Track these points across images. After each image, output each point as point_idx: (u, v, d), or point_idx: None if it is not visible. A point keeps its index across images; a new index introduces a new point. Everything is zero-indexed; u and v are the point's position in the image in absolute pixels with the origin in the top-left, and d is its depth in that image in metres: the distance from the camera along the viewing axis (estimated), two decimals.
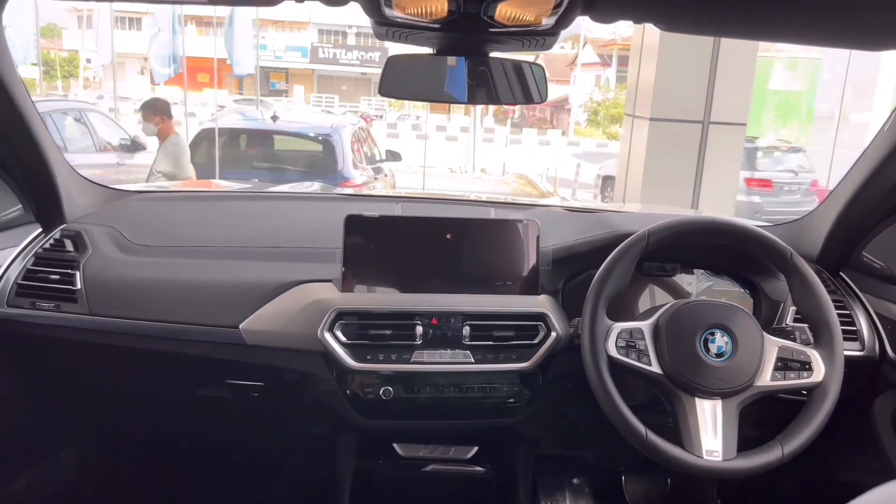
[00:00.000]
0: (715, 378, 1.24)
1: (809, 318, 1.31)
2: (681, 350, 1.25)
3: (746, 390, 1.25)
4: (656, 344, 1.28)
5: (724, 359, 1.25)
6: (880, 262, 1.50)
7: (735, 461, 1.22)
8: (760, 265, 1.55)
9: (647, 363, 1.27)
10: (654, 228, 1.31)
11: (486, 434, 1.63)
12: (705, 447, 1.22)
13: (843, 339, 1.28)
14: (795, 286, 1.31)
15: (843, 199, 1.51)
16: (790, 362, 1.27)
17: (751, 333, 1.27)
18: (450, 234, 1.47)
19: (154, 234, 1.58)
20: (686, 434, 1.24)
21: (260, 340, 1.42)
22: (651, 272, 1.52)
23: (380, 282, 1.45)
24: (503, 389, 1.48)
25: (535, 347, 1.44)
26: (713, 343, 1.26)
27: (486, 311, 1.44)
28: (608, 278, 1.29)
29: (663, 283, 1.57)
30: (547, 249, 1.53)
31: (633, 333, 1.28)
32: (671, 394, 1.26)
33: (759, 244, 1.32)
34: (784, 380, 1.27)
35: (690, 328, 1.27)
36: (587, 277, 1.52)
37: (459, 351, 1.42)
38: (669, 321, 1.28)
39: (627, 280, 1.32)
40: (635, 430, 1.22)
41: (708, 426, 1.23)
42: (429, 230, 1.47)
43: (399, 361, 1.40)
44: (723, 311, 1.29)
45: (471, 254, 1.47)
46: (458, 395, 1.46)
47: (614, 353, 1.26)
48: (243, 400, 1.52)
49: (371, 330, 1.40)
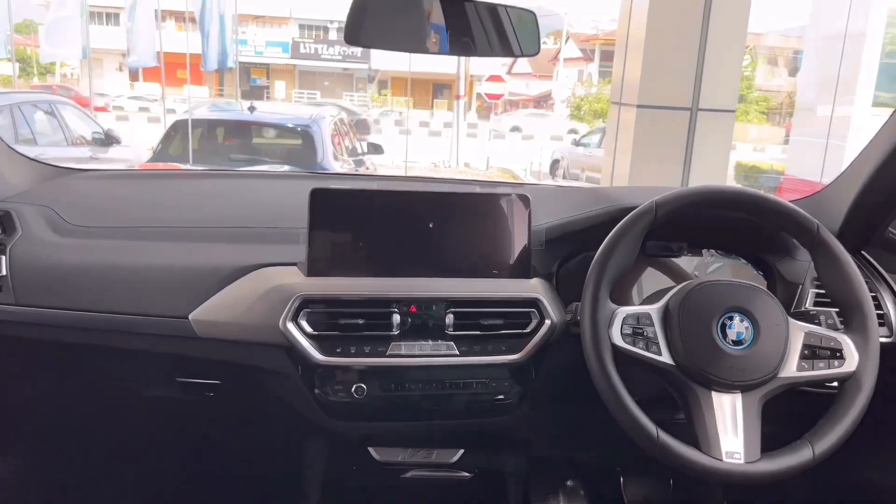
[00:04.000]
0: (734, 369, 1.08)
1: (839, 299, 1.15)
2: (695, 337, 1.09)
3: (770, 382, 1.09)
4: (666, 331, 1.11)
5: (745, 347, 1.09)
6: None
7: (760, 464, 1.06)
8: (776, 243, 1.39)
9: (657, 352, 1.10)
10: (662, 199, 1.15)
11: (473, 436, 1.46)
12: (724, 448, 1.06)
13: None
14: (822, 263, 1.15)
15: (866, 170, 1.36)
16: (819, 350, 1.12)
17: (774, 317, 1.11)
18: (430, 211, 1.30)
19: (96, 215, 1.39)
20: (702, 433, 1.08)
21: (213, 332, 1.24)
22: (654, 252, 1.36)
23: (351, 264, 1.27)
24: (492, 385, 1.31)
25: (528, 337, 1.28)
26: (731, 329, 1.10)
27: (471, 296, 1.27)
28: (611, 256, 1.13)
29: (664, 266, 1.41)
30: (539, 228, 1.36)
31: (640, 319, 1.12)
32: (684, 387, 1.10)
33: (780, 216, 1.16)
34: (812, 370, 1.11)
35: (705, 312, 1.11)
36: (585, 259, 1.36)
37: (442, 342, 1.26)
38: (681, 304, 1.11)
39: (633, 259, 1.15)
40: (644, 430, 1.06)
41: (727, 424, 1.08)
42: (406, 206, 1.30)
43: (373, 355, 1.23)
44: (742, 291, 1.13)
45: (454, 232, 1.30)
46: (440, 392, 1.30)
47: (619, 341, 1.10)
48: (196, 401, 1.34)
49: (341, 319, 1.23)
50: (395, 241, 1.29)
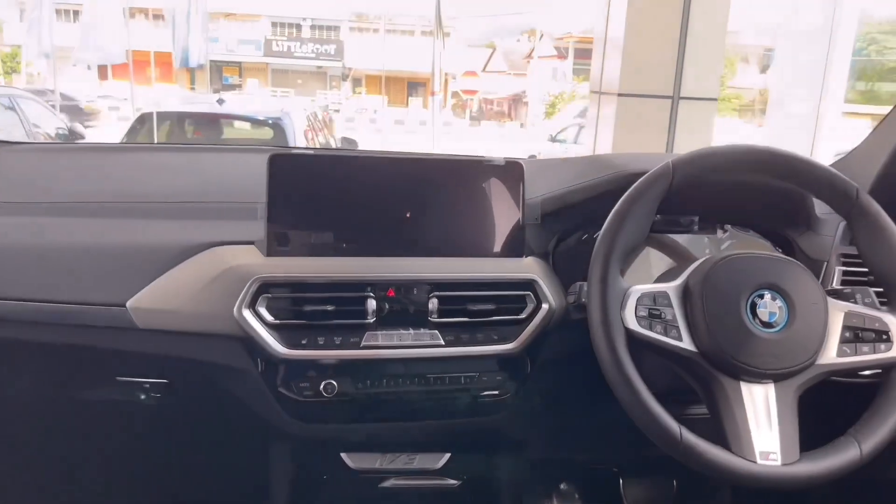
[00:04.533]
0: (767, 355, 0.93)
1: (882, 272, 1.00)
2: (721, 319, 0.93)
3: (807, 370, 0.94)
4: (687, 312, 0.96)
5: (778, 329, 0.94)
6: None
7: (800, 465, 0.90)
8: (798, 215, 1.24)
9: (677, 337, 0.95)
10: (680, 160, 0.99)
11: (461, 438, 1.29)
12: (758, 448, 0.90)
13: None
14: (862, 232, 1.00)
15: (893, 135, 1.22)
16: (862, 332, 0.96)
17: (811, 294, 0.96)
18: (409, 180, 1.13)
19: (19, 189, 1.20)
20: (732, 431, 0.92)
21: (156, 323, 1.06)
22: (660, 228, 1.20)
23: (317, 242, 1.10)
24: (482, 379, 1.15)
25: (523, 324, 1.11)
26: (763, 308, 0.94)
27: (458, 278, 1.10)
28: (622, 226, 0.97)
29: (665, 245, 1.25)
30: (534, 200, 1.20)
31: (656, 299, 0.96)
32: (708, 378, 0.95)
33: (816, 179, 1.00)
34: (855, 355, 0.96)
35: (732, 290, 0.95)
36: (586, 235, 1.20)
37: (425, 331, 1.09)
38: (704, 281, 0.96)
39: (647, 230, 0.99)
40: (666, 428, 0.90)
41: (760, 419, 0.92)
42: (381, 174, 1.13)
43: (345, 346, 1.06)
44: (773, 265, 0.98)
45: (437, 205, 1.13)
46: (423, 388, 1.13)
47: (634, 324, 0.94)
48: (141, 404, 1.16)
49: (306, 306, 1.05)
50: (368, 214, 1.12)
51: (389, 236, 1.12)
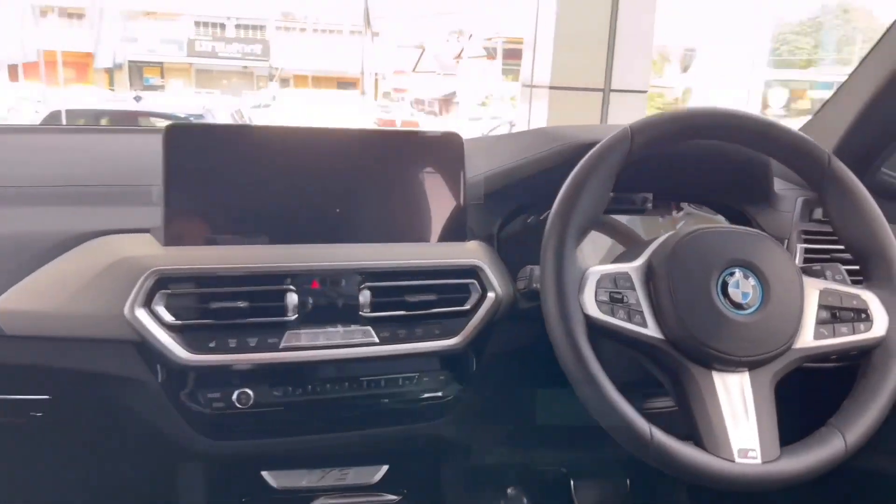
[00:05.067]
0: (741, 340, 0.82)
1: (856, 245, 0.91)
2: (689, 301, 0.83)
3: (783, 356, 0.84)
4: (651, 295, 0.85)
5: (752, 311, 0.84)
6: None
7: (782, 462, 0.80)
8: (757, 190, 1.16)
9: (641, 324, 0.83)
10: (639, 125, 0.88)
11: (400, 447, 1.15)
12: (736, 445, 0.80)
13: None
14: (835, 202, 0.91)
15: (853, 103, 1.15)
16: (839, 311, 0.87)
17: (786, 271, 0.86)
18: (333, 155, 0.98)
19: None
20: (705, 427, 0.81)
21: (28, 328, 0.88)
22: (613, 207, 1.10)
23: (226, 228, 0.94)
24: (423, 380, 1.01)
25: (467, 316, 0.99)
26: (735, 288, 0.84)
27: (392, 266, 0.97)
28: (579, 198, 0.85)
29: (615, 229, 1.15)
30: (476, 178, 1.07)
31: (617, 281, 0.84)
32: (677, 368, 0.84)
33: (784, 143, 0.91)
34: (833, 336, 0.86)
35: (701, 268, 0.85)
36: (534, 215, 1.08)
37: (355, 328, 0.95)
38: (669, 260, 0.85)
39: (604, 204, 0.88)
40: (635, 429, 0.79)
41: (737, 413, 0.82)
42: (301, 149, 0.98)
43: (262, 349, 0.91)
44: (743, 239, 0.88)
45: (366, 184, 0.99)
46: (355, 393, 0.99)
47: (594, 310, 0.82)
48: (19, 424, 0.98)
49: (214, 303, 0.90)
50: (287, 195, 0.97)
51: (311, 220, 0.97)
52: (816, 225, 1.16)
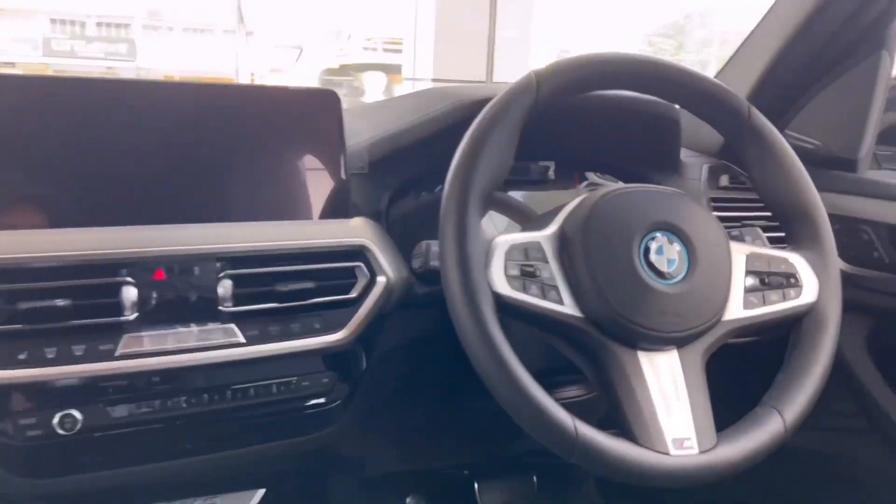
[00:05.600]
0: (668, 314, 0.72)
1: (780, 205, 0.83)
2: (609, 272, 0.72)
3: (713, 329, 0.75)
4: (566, 267, 0.73)
5: (678, 280, 0.74)
6: (813, 141, 1.09)
7: (721, 450, 0.71)
8: (667, 154, 1.07)
9: (557, 300, 0.71)
10: (546, 70, 0.76)
11: (278, 466, 0.98)
12: (670, 434, 0.70)
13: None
14: (755, 157, 0.83)
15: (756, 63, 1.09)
16: (768, 276, 0.79)
17: (712, 234, 0.77)
18: (181, 114, 0.80)
19: None
20: (635, 417, 0.70)
21: None
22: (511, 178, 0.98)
23: (39, 207, 0.74)
24: (302, 385, 0.85)
25: (353, 305, 0.83)
26: (659, 255, 0.74)
27: (258, 249, 0.79)
28: (481, 155, 0.72)
29: (511, 207, 1.04)
30: (359, 146, 0.92)
31: (528, 252, 0.72)
32: (599, 350, 0.72)
33: (702, 93, 0.81)
34: (763, 305, 0.78)
35: (621, 233, 0.74)
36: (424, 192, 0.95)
37: (215, 326, 0.77)
38: (585, 225, 0.73)
39: (509, 163, 0.75)
40: (557, 424, 0.67)
41: (668, 397, 0.71)
42: (139, 107, 0.79)
43: (91, 358, 0.71)
44: (665, 200, 0.78)
45: (224, 150, 0.82)
46: (218, 406, 0.81)
47: (504, 287, 0.69)
48: None
49: (23, 303, 0.69)
50: (120, 164, 0.78)
51: (154, 195, 0.79)
52: (724, 192, 1.10)
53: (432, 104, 0.92)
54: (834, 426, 1.13)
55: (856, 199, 1.04)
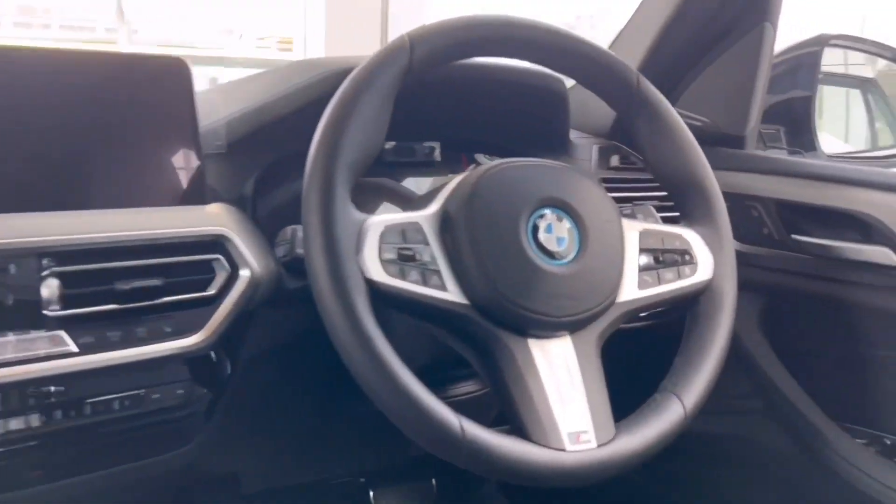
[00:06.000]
0: (560, 297, 0.66)
1: (672, 178, 0.79)
2: (496, 254, 0.65)
3: (608, 312, 0.70)
4: (449, 250, 0.65)
5: (569, 260, 0.68)
6: (702, 119, 1.07)
7: (621, 441, 0.65)
8: (556, 132, 1.03)
9: (439, 287, 0.64)
10: (420, 31, 0.68)
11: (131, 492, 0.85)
12: (565, 428, 0.64)
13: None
14: (646, 129, 0.78)
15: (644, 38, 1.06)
16: (662, 254, 0.74)
17: (604, 210, 0.72)
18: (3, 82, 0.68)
19: None
20: (527, 412, 0.64)
21: None
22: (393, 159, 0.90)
23: None
24: (151, 397, 0.74)
25: (212, 304, 0.72)
26: (548, 233, 0.67)
27: (91, 242, 0.67)
28: (348, 124, 0.63)
29: (391, 191, 0.96)
30: (217, 123, 0.82)
31: (406, 234, 0.64)
32: (487, 339, 0.65)
33: (591, 61, 0.76)
34: (659, 284, 0.73)
35: (508, 211, 0.67)
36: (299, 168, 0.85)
37: (39, 333, 0.65)
38: (468, 202, 0.66)
39: (383, 135, 0.67)
40: (439, 424, 0.59)
41: (562, 388, 0.65)
42: None
43: None
44: (552, 174, 0.72)
45: (50, 126, 0.70)
46: (49, 428, 0.69)
47: (379, 274, 0.61)
48: None
49: None
50: None
51: None
52: (615, 173, 1.06)
53: (301, 75, 0.83)
54: (731, 409, 1.12)
55: (745, 175, 1.02)
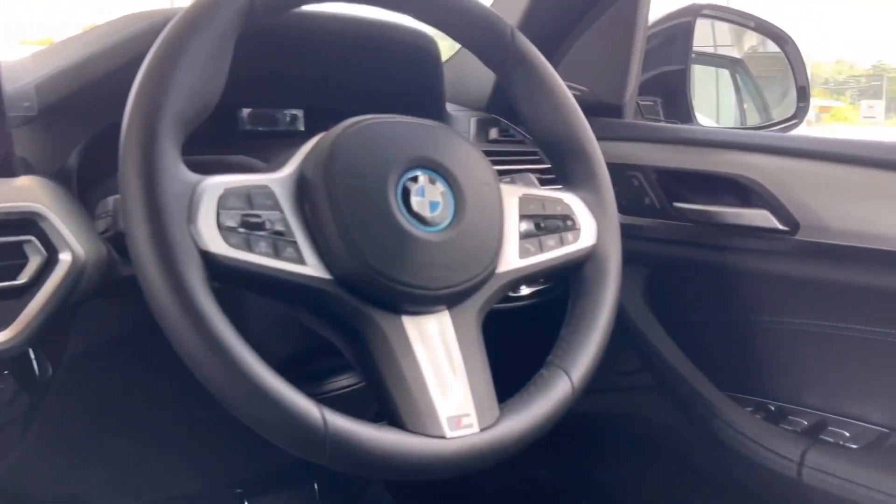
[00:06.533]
0: (435, 267, 0.59)
1: (550, 139, 0.73)
2: (361, 219, 0.57)
3: (488, 283, 0.63)
4: (307, 218, 0.57)
5: (443, 226, 0.61)
6: (581, 87, 1.03)
7: (506, 423, 0.59)
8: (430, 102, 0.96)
9: (295, 259, 0.55)
10: None
11: None
12: (445, 413, 0.57)
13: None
14: (522, 87, 0.72)
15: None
16: (544, 219, 0.69)
17: (480, 172, 0.65)
18: None
19: None
20: (402, 398, 0.56)
21: None
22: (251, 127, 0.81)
23: None
24: None
25: (23, 295, 0.60)
26: (420, 197, 0.60)
27: None
28: (174, 69, 0.53)
29: (241, 165, 0.86)
30: (26, 86, 0.69)
31: (252, 199, 0.55)
32: (354, 319, 0.57)
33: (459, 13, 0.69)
34: (541, 252, 0.67)
35: (373, 171, 0.59)
36: None
37: None
38: (329, 164, 0.58)
39: (219, 82, 0.57)
40: (296, 417, 0.51)
41: (441, 369, 0.58)
42: None
43: None
44: (426, 133, 0.65)
45: None
46: None
47: (218, 244, 0.51)
48: None
49: None
50: None
51: None
52: (494, 145, 1.01)
53: (125, 28, 0.71)
54: (620, 386, 1.10)
55: (625, 144, 1.00)
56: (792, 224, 0.84)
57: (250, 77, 0.73)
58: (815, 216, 0.83)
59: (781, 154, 0.88)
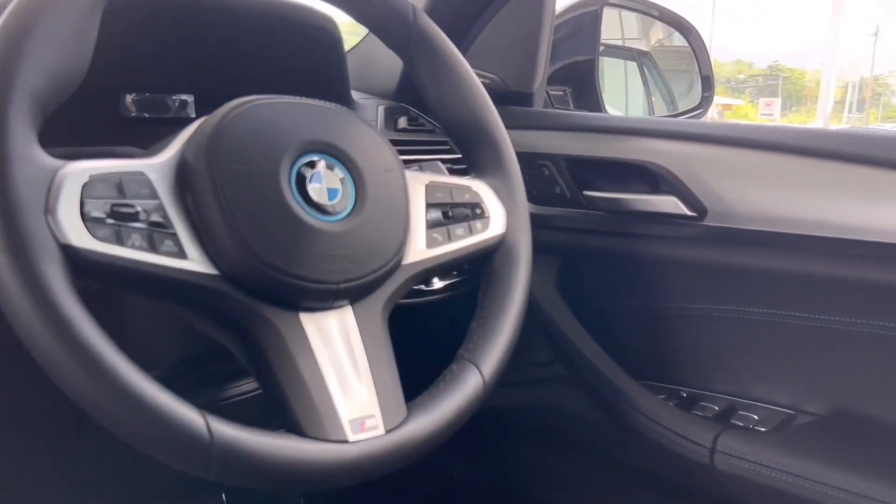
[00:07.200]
0: (336, 259, 0.55)
1: (456, 124, 0.70)
2: (250, 208, 0.52)
3: (394, 275, 0.60)
4: (189, 207, 0.51)
5: (344, 215, 0.57)
6: (489, 75, 1.01)
7: (414, 423, 0.56)
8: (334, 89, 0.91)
9: (175, 253, 0.49)
10: None
11: None
12: (347, 416, 0.53)
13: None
14: (427, 70, 0.69)
15: None
16: (452, 208, 0.66)
17: (382, 157, 0.61)
18: None
19: None
20: (300, 402, 0.52)
21: None
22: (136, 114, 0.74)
23: None
24: None
25: None
26: (318, 183, 0.56)
27: None
28: (28, 40, 0.47)
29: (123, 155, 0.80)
30: None
31: (124, 187, 0.49)
32: (245, 319, 0.52)
33: None
34: (449, 241, 0.64)
35: (264, 156, 0.54)
36: None
37: None
38: (212, 147, 0.52)
39: (83, 57, 0.51)
40: (176, 428, 0.45)
41: (343, 369, 0.54)
42: None
43: None
44: (322, 115, 0.60)
45: None
46: None
47: (82, 237, 0.45)
48: None
49: None
50: None
51: None
52: (402, 134, 0.98)
53: None
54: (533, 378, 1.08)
55: (534, 133, 0.98)
56: (700, 210, 0.84)
57: (134, 59, 0.67)
58: (723, 202, 0.83)
59: (689, 140, 0.88)
